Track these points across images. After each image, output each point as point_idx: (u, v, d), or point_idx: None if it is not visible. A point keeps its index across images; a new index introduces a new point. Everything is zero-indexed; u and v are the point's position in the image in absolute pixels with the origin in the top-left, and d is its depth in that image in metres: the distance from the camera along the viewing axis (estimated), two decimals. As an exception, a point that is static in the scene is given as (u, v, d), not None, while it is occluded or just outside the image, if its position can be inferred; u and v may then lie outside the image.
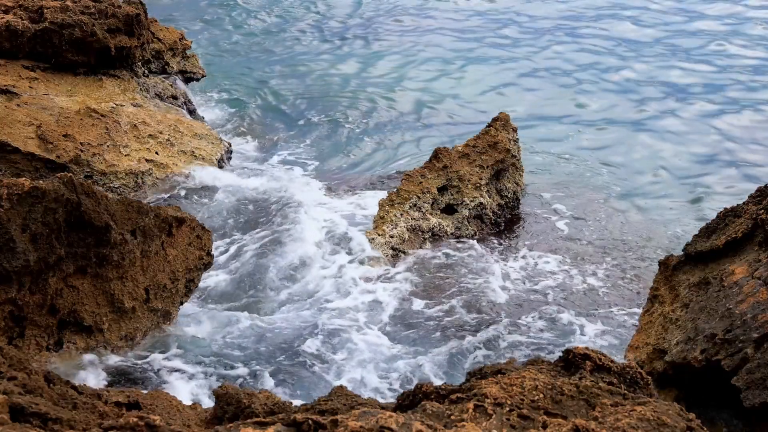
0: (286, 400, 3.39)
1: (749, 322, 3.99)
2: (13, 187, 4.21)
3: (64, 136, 7.54)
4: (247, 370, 5.52)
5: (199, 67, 11.93)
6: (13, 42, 8.10)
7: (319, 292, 6.80)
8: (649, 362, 4.71)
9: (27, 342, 4.51)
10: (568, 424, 2.52)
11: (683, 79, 12.52)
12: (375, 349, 5.98)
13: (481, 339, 6.21)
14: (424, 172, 7.71)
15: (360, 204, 8.41)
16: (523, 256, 7.55)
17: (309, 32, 15.21)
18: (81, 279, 4.73)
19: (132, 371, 5.12)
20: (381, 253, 7.20)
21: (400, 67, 13.35)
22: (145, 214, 5.04)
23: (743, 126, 10.87)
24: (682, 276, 4.91)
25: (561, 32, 14.80)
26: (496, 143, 7.85)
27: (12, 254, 4.17)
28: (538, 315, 6.59)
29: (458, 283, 6.94)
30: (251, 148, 10.24)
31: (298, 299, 6.71)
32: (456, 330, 6.32)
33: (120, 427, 2.40)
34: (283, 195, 8.47)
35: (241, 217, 8.13)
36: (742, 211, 4.67)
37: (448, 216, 7.68)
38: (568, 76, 12.91)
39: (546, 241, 7.91)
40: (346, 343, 6.01)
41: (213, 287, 6.75)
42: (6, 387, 2.62)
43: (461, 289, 6.88)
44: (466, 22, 15.39)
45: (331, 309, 6.49)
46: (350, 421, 2.35)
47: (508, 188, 8.16)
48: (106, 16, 8.51)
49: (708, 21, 15.13)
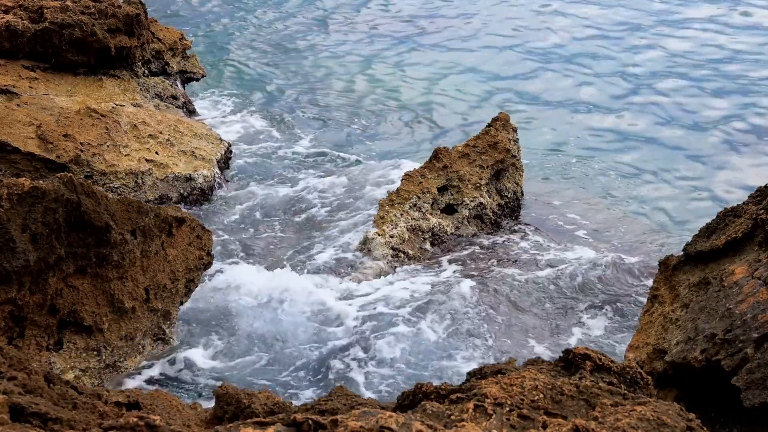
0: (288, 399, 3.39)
1: (749, 322, 3.99)
2: (13, 187, 4.21)
3: (64, 136, 7.54)
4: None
5: (199, 67, 11.92)
6: (13, 42, 8.10)
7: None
8: (649, 362, 4.71)
9: (27, 342, 4.51)
10: (568, 424, 2.52)
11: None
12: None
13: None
14: (424, 172, 7.71)
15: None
16: (523, 257, 7.56)
17: (311, 27, 15.20)
18: (81, 279, 4.73)
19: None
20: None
21: (404, 63, 13.36)
22: (145, 214, 5.04)
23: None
24: (682, 276, 4.91)
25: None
26: (496, 143, 7.85)
27: (12, 254, 4.17)
28: (538, 314, 6.59)
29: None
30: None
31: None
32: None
33: (120, 427, 2.40)
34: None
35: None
36: (742, 211, 4.67)
37: (448, 216, 7.69)
38: (572, 67, 12.90)
39: (545, 241, 7.91)
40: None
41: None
42: (6, 387, 2.62)
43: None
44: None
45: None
46: (350, 421, 2.35)
47: (508, 188, 8.16)
48: (106, 16, 8.51)
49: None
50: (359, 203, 8.49)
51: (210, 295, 6.57)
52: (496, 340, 6.27)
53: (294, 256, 7.53)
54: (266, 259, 7.46)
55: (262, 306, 6.52)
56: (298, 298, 6.65)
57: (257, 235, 7.94)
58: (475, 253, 7.53)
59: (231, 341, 6.10)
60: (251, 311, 6.40)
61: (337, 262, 7.37)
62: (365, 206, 8.37)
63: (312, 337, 6.24)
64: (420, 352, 6.04)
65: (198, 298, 6.31)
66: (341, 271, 7.24)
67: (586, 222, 8.25)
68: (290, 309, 6.52)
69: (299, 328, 6.31)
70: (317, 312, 6.50)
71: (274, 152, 9.97)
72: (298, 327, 6.32)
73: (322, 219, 8.25)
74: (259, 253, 7.59)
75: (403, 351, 6.03)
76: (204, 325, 6.23)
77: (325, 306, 6.58)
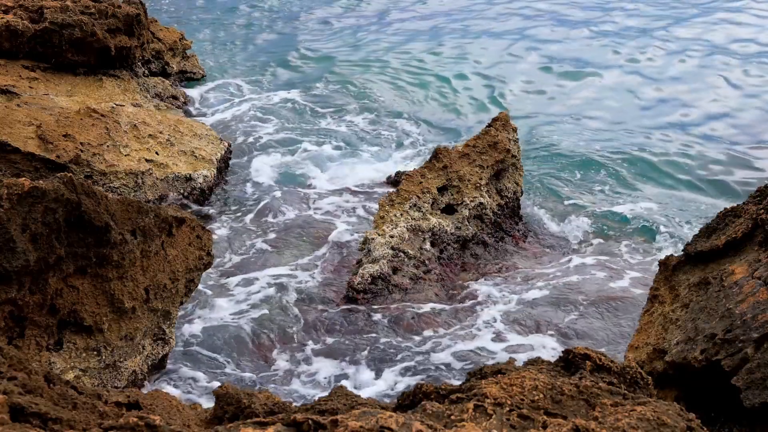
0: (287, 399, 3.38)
1: (749, 322, 3.98)
2: (13, 187, 4.20)
3: (64, 136, 7.53)
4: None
5: (198, 66, 11.91)
6: (13, 42, 8.11)
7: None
8: (649, 362, 4.70)
9: (27, 342, 4.51)
10: (568, 424, 2.52)
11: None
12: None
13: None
14: (424, 172, 7.71)
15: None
16: (523, 257, 7.55)
17: (312, 27, 15.20)
18: (81, 279, 4.72)
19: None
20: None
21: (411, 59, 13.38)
22: (145, 214, 5.03)
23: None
24: (682, 276, 4.91)
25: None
26: (496, 143, 7.85)
27: (12, 254, 4.17)
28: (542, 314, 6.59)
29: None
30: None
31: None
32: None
33: (120, 427, 2.40)
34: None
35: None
36: (742, 211, 4.67)
37: (448, 216, 7.68)
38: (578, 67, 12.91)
39: (546, 239, 7.91)
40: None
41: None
42: (6, 387, 2.62)
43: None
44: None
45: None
46: (350, 421, 2.35)
47: (508, 188, 8.16)
48: (106, 16, 8.51)
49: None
50: (359, 203, 8.49)
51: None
52: (496, 340, 6.27)
53: (292, 256, 7.53)
54: (265, 259, 7.46)
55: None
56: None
57: (257, 234, 7.93)
58: (475, 252, 7.54)
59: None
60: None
61: (337, 262, 7.38)
62: (366, 208, 8.38)
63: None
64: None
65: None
66: (341, 270, 7.24)
67: (586, 222, 8.24)
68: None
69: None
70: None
71: (274, 152, 9.96)
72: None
73: (323, 219, 8.25)
74: (259, 252, 7.59)
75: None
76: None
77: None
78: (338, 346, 6.16)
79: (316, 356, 6.03)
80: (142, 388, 5.25)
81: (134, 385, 5.21)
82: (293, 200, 8.66)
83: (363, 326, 6.39)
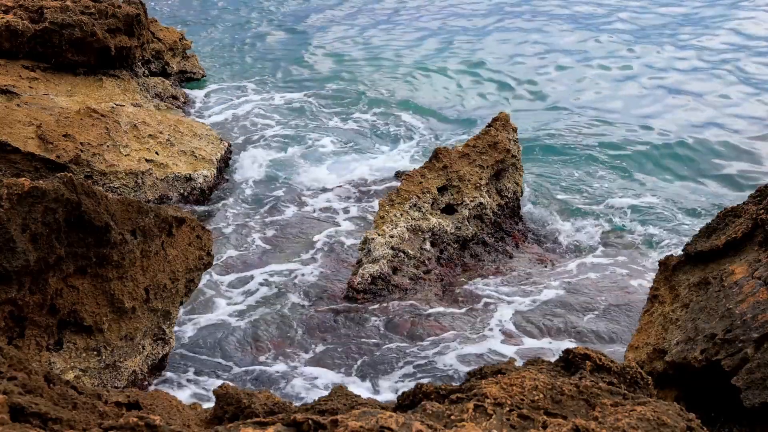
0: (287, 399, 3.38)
1: (749, 322, 3.98)
2: (13, 187, 4.20)
3: (64, 136, 7.53)
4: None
5: (198, 66, 11.91)
6: (13, 42, 8.11)
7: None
8: (649, 362, 4.70)
9: (27, 342, 4.51)
10: (568, 424, 2.52)
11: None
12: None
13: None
14: (424, 172, 7.70)
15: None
16: (523, 256, 7.55)
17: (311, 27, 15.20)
18: (81, 279, 4.72)
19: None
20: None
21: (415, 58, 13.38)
22: (145, 214, 5.03)
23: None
24: (682, 276, 4.91)
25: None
26: (496, 143, 7.85)
27: (12, 254, 4.17)
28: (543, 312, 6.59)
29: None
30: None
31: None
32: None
33: (120, 427, 2.40)
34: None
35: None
36: (742, 211, 4.67)
37: (448, 216, 7.68)
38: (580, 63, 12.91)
39: (546, 239, 7.91)
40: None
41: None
42: (6, 387, 2.62)
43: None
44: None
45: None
46: (350, 421, 2.35)
47: (508, 188, 8.16)
48: (106, 16, 8.51)
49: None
50: (360, 203, 8.49)
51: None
52: (497, 340, 6.27)
53: (292, 256, 7.53)
54: (266, 258, 7.46)
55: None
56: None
57: (257, 234, 7.93)
58: (475, 252, 7.54)
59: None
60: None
61: (337, 261, 7.37)
62: (366, 208, 8.37)
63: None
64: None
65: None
66: (341, 270, 7.24)
67: (586, 222, 8.24)
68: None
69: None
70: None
71: (273, 152, 9.96)
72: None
73: (323, 218, 8.25)
74: (259, 252, 7.59)
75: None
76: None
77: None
78: (338, 346, 6.16)
79: (315, 356, 6.03)
80: (143, 388, 5.25)
81: (134, 385, 5.21)
82: (293, 199, 8.67)
83: (363, 326, 6.39)
